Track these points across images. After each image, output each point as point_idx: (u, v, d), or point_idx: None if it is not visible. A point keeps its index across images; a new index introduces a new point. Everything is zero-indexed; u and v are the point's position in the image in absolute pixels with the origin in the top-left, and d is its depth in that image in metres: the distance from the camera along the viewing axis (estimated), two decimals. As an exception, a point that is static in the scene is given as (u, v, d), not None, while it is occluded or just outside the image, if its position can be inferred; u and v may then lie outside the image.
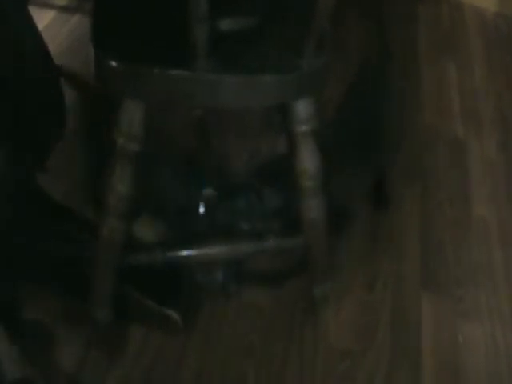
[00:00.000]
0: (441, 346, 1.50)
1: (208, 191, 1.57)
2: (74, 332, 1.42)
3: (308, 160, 1.27)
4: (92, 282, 1.36)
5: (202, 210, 1.56)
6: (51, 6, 2.40)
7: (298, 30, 1.21)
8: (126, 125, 1.19)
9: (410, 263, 1.68)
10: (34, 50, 1.36)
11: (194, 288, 1.50)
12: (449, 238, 1.76)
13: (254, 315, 1.51)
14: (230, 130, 1.96)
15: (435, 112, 2.20)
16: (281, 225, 1.55)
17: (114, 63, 1.15)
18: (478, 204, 1.87)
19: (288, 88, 1.21)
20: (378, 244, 1.71)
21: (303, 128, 1.24)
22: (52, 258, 1.47)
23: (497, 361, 1.49)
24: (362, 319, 1.54)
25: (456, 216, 1.82)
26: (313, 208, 1.33)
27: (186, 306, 1.47)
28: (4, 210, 1.40)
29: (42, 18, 2.31)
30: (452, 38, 2.62)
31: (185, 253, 1.37)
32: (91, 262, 1.34)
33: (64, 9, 2.41)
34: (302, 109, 1.23)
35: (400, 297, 1.59)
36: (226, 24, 1.19)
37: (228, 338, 1.46)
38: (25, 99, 1.35)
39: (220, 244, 1.39)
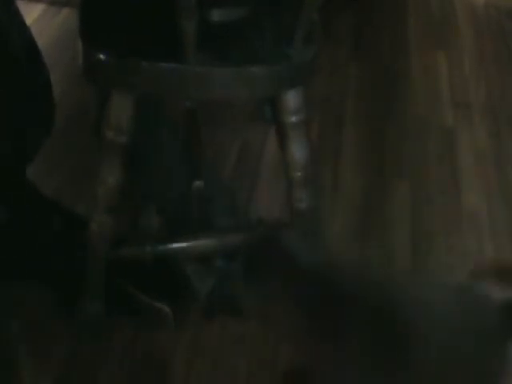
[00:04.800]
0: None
1: (198, 184, 1.57)
2: (64, 328, 1.42)
3: (297, 151, 1.27)
4: (82, 277, 1.37)
5: (192, 202, 1.56)
6: (40, 0, 2.39)
7: (288, 20, 1.20)
8: (115, 118, 1.19)
9: (400, 252, 1.68)
10: (22, 45, 1.35)
11: (187, 284, 1.50)
12: (440, 227, 1.76)
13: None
14: (221, 122, 1.97)
15: (425, 102, 2.21)
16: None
17: (102, 56, 1.14)
18: (468, 193, 1.87)
19: (278, 79, 1.21)
20: (369, 233, 1.72)
21: (293, 119, 1.24)
22: (42, 254, 1.47)
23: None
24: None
25: (447, 205, 1.83)
26: (302, 199, 1.33)
27: (178, 299, 1.47)
28: None
29: (32, 12, 2.31)
30: (442, 28, 2.62)
31: (175, 246, 1.37)
32: (81, 256, 1.34)
33: (53, 2, 2.41)
34: (292, 100, 1.23)
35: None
36: (215, 15, 1.18)
37: (219, 330, 1.47)
38: (11, 94, 1.35)
39: (210, 236, 1.39)
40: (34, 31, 1.41)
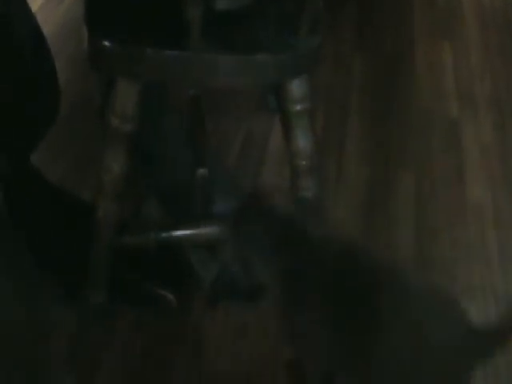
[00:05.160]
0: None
1: (202, 172, 1.57)
2: (66, 315, 1.42)
3: (302, 140, 1.27)
4: (87, 264, 1.37)
5: (196, 190, 1.56)
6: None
7: (293, 9, 1.20)
8: (120, 105, 1.19)
9: (404, 245, 1.68)
10: (27, 33, 1.35)
11: (191, 272, 1.50)
12: (444, 220, 1.76)
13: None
14: (226, 110, 1.97)
15: (430, 94, 2.20)
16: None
17: (107, 43, 1.14)
18: (473, 186, 1.87)
19: (282, 67, 1.21)
20: (373, 226, 1.72)
21: (297, 107, 1.24)
22: (45, 241, 1.47)
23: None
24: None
25: (451, 198, 1.82)
26: (308, 187, 1.33)
27: (182, 287, 1.48)
28: None
29: (37, -1, 2.31)
30: (448, 20, 2.61)
31: (179, 233, 1.37)
32: (85, 244, 1.34)
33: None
34: (296, 88, 1.23)
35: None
36: (220, 3, 1.18)
37: (221, 318, 1.47)
38: (16, 83, 1.35)
39: (214, 224, 1.39)
40: (39, 19, 1.41)
